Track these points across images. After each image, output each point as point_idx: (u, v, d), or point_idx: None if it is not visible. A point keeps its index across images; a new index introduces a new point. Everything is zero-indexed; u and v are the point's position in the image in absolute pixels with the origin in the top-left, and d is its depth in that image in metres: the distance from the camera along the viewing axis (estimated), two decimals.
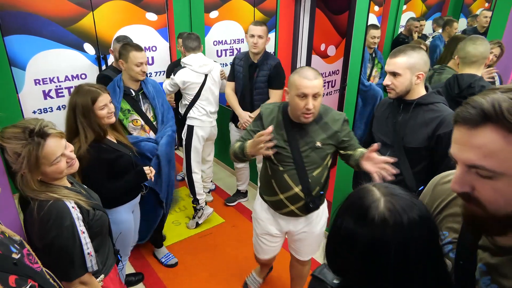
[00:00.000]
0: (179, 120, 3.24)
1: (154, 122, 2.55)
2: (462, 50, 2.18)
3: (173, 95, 3.47)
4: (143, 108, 2.50)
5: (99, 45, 3.61)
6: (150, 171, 2.12)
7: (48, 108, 3.47)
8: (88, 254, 1.38)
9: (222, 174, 4.33)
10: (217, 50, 4.42)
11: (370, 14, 2.78)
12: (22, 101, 3.30)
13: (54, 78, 3.44)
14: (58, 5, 3.30)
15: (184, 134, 3.24)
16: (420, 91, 1.77)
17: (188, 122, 3.20)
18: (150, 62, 4.06)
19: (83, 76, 3.60)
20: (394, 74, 1.74)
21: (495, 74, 2.39)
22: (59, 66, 3.44)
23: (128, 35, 3.04)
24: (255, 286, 2.59)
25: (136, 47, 2.39)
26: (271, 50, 3.67)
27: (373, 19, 4.51)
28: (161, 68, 4.02)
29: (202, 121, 3.22)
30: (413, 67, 1.71)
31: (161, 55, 4.04)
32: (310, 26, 3.21)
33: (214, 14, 4.23)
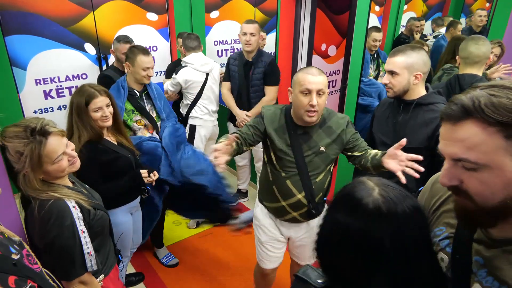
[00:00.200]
0: (181, 121, 3.23)
1: (158, 123, 2.54)
2: (464, 50, 2.16)
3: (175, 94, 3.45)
4: (147, 108, 2.49)
5: (100, 45, 3.61)
6: (152, 175, 2.08)
7: (48, 108, 3.47)
8: (88, 253, 1.38)
9: (222, 173, 4.33)
10: (217, 50, 4.42)
11: (371, 14, 2.78)
12: (23, 101, 3.30)
13: (54, 78, 3.44)
14: (58, 5, 3.30)
15: (186, 134, 3.24)
16: (420, 91, 1.76)
17: (190, 121, 3.20)
18: None
19: (84, 76, 3.60)
20: (392, 73, 1.74)
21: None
22: (60, 66, 3.45)
23: (128, 35, 3.05)
24: None
25: (143, 51, 2.37)
26: (272, 50, 3.68)
27: (373, 19, 4.51)
28: (161, 68, 4.02)
29: (204, 120, 3.22)
30: (411, 67, 1.70)
31: (161, 55, 4.04)
32: (311, 26, 3.20)
33: (214, 14, 4.24)
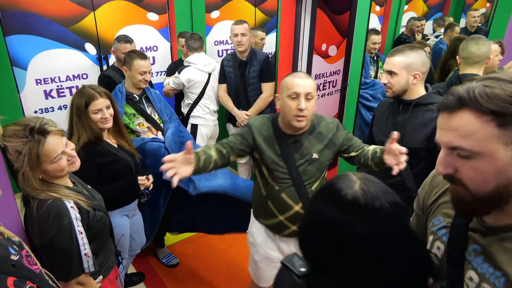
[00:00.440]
0: (181, 120, 3.24)
1: (161, 124, 2.54)
2: (465, 50, 2.16)
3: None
4: (148, 111, 2.49)
5: (101, 45, 3.61)
6: (148, 180, 2.06)
7: (49, 108, 3.47)
8: (85, 255, 1.38)
9: None
10: (218, 50, 4.42)
11: (371, 14, 2.77)
12: (23, 100, 3.30)
13: (55, 78, 3.44)
14: (59, 5, 3.30)
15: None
16: (419, 91, 1.76)
17: (191, 121, 3.21)
18: (151, 62, 4.05)
19: (84, 76, 3.60)
20: (390, 73, 1.74)
21: None
22: (61, 66, 3.44)
23: (129, 35, 3.05)
24: None
25: (140, 56, 2.37)
26: (272, 50, 3.67)
27: (374, 19, 4.51)
28: (162, 68, 4.02)
29: (206, 119, 3.23)
30: (409, 67, 1.70)
31: (162, 55, 4.04)
32: (311, 26, 3.20)
33: (215, 14, 4.23)
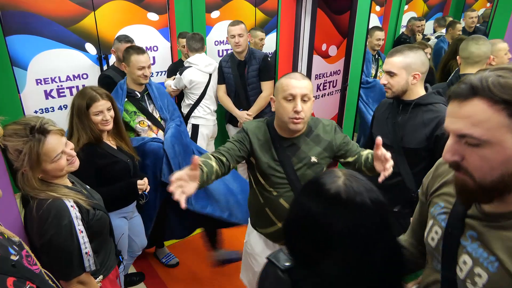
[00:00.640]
0: None
1: (162, 122, 2.53)
2: (465, 50, 2.16)
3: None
4: (149, 109, 2.48)
5: (101, 45, 3.61)
6: (144, 184, 2.06)
7: (49, 108, 3.48)
8: (86, 253, 1.38)
9: None
10: (218, 50, 4.42)
11: (372, 14, 2.77)
12: (23, 100, 3.30)
13: (55, 78, 3.44)
14: (59, 5, 3.30)
15: (188, 134, 3.26)
16: (418, 92, 1.76)
17: (192, 121, 3.21)
18: (151, 62, 4.05)
19: (85, 76, 3.60)
20: (390, 73, 1.74)
21: None
22: (61, 66, 3.44)
23: (129, 35, 3.05)
24: None
25: (138, 51, 2.35)
26: (272, 50, 3.67)
27: (374, 19, 4.50)
28: (162, 68, 4.02)
29: (207, 119, 3.25)
30: (408, 67, 1.70)
31: (162, 55, 4.04)
32: (311, 26, 3.20)
33: (215, 14, 4.23)
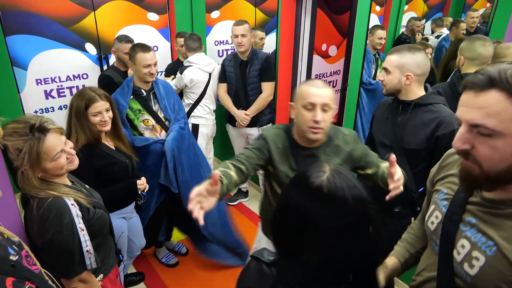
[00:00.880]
0: None
1: (166, 122, 2.52)
2: (473, 52, 2.11)
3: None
4: (154, 108, 2.48)
5: (101, 45, 3.61)
6: (143, 184, 2.07)
7: (49, 108, 3.48)
8: (87, 251, 1.38)
9: None
10: (218, 50, 4.42)
11: (372, 14, 2.77)
12: (23, 100, 3.30)
13: (55, 78, 3.44)
14: (59, 5, 3.30)
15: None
16: (417, 92, 1.76)
17: (192, 121, 3.22)
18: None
19: (85, 76, 3.60)
20: (386, 70, 1.78)
21: None
22: (61, 66, 3.45)
23: (129, 35, 3.05)
24: None
25: (143, 48, 2.34)
26: (272, 50, 3.67)
27: (374, 19, 4.49)
28: (162, 68, 4.01)
29: (206, 119, 3.26)
30: (402, 67, 1.72)
31: (162, 55, 4.04)
32: (311, 26, 3.20)
33: (215, 14, 4.23)
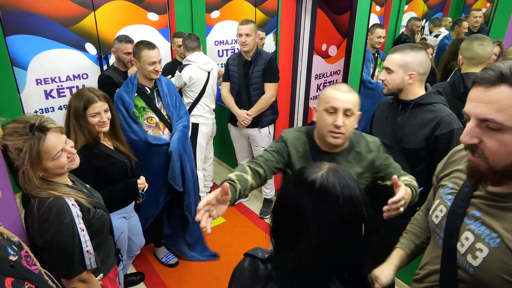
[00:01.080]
0: None
1: (169, 120, 2.54)
2: (470, 51, 2.12)
3: None
4: (158, 105, 2.49)
5: (101, 45, 3.61)
6: (143, 183, 2.08)
7: (49, 108, 3.48)
8: (87, 252, 1.38)
9: (223, 174, 4.34)
10: (218, 50, 4.42)
11: (372, 14, 2.77)
12: (23, 100, 3.31)
13: (55, 78, 3.44)
14: (59, 5, 3.31)
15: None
16: (417, 91, 1.76)
17: (192, 120, 3.22)
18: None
19: (85, 76, 3.61)
20: (388, 70, 1.75)
21: None
22: (61, 66, 3.45)
23: (129, 35, 3.05)
24: None
25: (148, 46, 2.35)
26: (272, 50, 3.67)
27: (374, 19, 4.49)
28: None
29: (206, 118, 3.26)
30: (405, 66, 1.71)
31: (162, 55, 3.99)
32: (311, 26, 3.20)
33: (215, 14, 4.23)
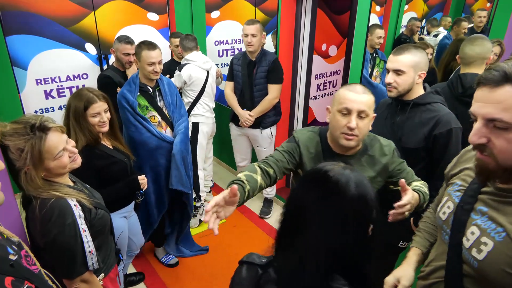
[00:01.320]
0: None
1: (170, 119, 2.55)
2: (460, 51, 2.17)
3: None
4: (160, 104, 2.50)
5: (101, 45, 3.61)
6: (144, 179, 2.09)
7: (49, 108, 3.48)
8: (89, 252, 1.38)
9: (223, 173, 4.33)
10: (218, 50, 4.42)
11: (372, 14, 2.77)
12: (23, 100, 3.31)
13: (55, 78, 3.44)
14: (59, 5, 3.31)
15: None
16: (418, 91, 1.77)
17: (192, 119, 3.22)
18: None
19: (85, 76, 3.61)
20: (398, 72, 1.71)
21: None
22: (61, 66, 3.45)
23: (129, 35, 3.05)
24: None
25: (149, 46, 2.34)
26: (271, 50, 3.67)
27: (374, 19, 4.49)
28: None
29: (206, 117, 3.26)
30: (416, 66, 1.71)
31: (162, 55, 4.04)
32: (311, 26, 3.20)
33: (215, 14, 4.23)
